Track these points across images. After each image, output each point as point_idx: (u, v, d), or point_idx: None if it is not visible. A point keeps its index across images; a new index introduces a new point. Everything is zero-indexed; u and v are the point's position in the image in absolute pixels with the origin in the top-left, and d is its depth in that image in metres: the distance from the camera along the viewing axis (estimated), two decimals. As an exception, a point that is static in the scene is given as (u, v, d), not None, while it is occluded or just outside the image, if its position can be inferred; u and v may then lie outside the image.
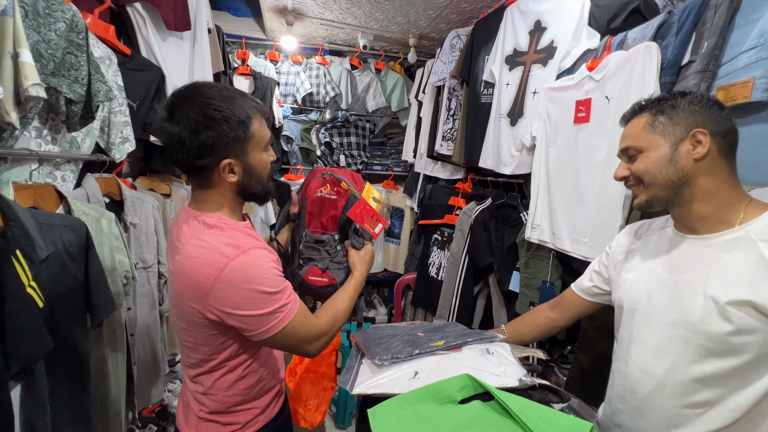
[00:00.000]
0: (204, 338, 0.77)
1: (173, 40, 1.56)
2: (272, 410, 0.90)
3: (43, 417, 0.75)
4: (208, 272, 0.70)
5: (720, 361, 0.62)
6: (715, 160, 0.65)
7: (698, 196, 0.67)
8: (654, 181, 0.68)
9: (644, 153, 0.70)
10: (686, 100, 0.68)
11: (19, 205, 0.77)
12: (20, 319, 0.67)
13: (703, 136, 0.65)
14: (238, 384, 0.82)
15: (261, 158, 0.80)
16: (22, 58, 0.74)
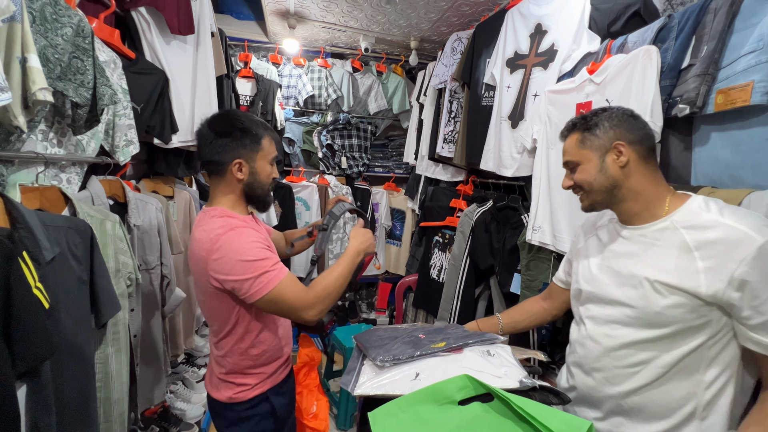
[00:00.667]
0: (216, 306, 0.96)
1: (177, 43, 1.57)
2: (278, 377, 1.07)
3: (48, 417, 0.75)
4: (206, 248, 0.89)
5: (652, 331, 0.75)
6: (637, 164, 0.79)
7: (628, 196, 0.80)
8: (591, 188, 0.82)
9: (581, 165, 0.83)
10: (605, 117, 0.81)
11: (25, 207, 0.78)
12: (27, 320, 0.68)
13: (623, 147, 0.78)
14: (249, 351, 0.99)
15: (265, 168, 0.99)
16: (30, 63, 0.75)
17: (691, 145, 1.03)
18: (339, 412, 2.04)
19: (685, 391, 0.74)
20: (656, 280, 0.74)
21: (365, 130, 3.01)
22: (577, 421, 0.59)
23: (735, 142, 0.92)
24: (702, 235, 0.70)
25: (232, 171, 0.94)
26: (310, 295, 0.92)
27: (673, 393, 0.75)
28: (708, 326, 0.71)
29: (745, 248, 0.65)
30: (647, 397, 0.77)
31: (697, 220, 0.72)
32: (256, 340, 0.99)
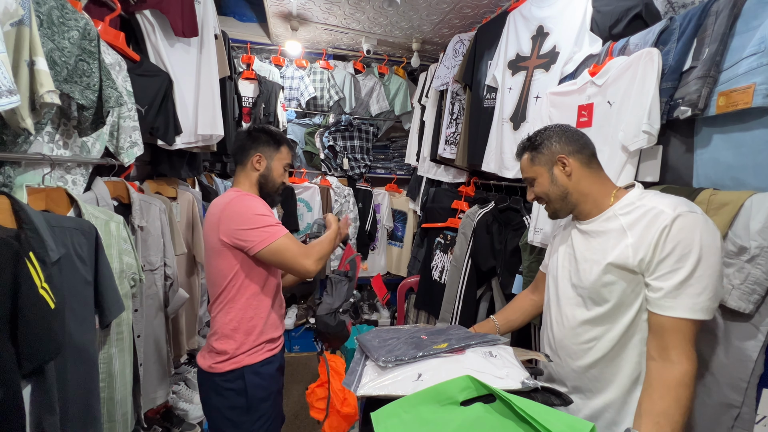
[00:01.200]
0: (218, 265, 1.11)
1: (181, 46, 1.58)
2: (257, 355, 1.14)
3: (52, 416, 0.76)
4: (221, 208, 1.10)
5: (599, 308, 0.86)
6: (581, 170, 0.90)
7: (579, 199, 0.91)
8: (549, 198, 0.94)
9: (536, 180, 0.95)
10: (545, 136, 0.93)
11: (32, 208, 0.79)
12: (33, 320, 0.69)
13: (565, 159, 0.90)
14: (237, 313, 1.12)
15: (279, 168, 1.21)
16: (38, 66, 0.76)
17: (693, 147, 1.03)
18: (340, 413, 2.04)
19: (630, 361, 0.84)
20: (601, 262, 0.85)
21: (367, 132, 3.02)
22: (579, 422, 0.59)
23: (737, 144, 0.92)
24: (631, 217, 0.82)
25: (252, 161, 1.18)
26: (308, 249, 1.12)
27: (621, 363, 0.85)
28: (638, 298, 0.82)
29: (661, 221, 0.76)
30: (601, 369, 0.87)
31: (630, 207, 0.84)
32: (246, 303, 1.13)
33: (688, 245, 0.74)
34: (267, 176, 1.19)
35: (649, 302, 0.79)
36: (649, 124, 1.02)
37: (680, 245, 0.74)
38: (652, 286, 0.78)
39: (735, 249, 0.85)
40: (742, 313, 0.83)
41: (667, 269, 0.75)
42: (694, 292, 0.73)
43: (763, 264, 0.80)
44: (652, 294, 0.78)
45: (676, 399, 0.72)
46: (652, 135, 1.03)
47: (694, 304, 0.73)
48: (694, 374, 0.74)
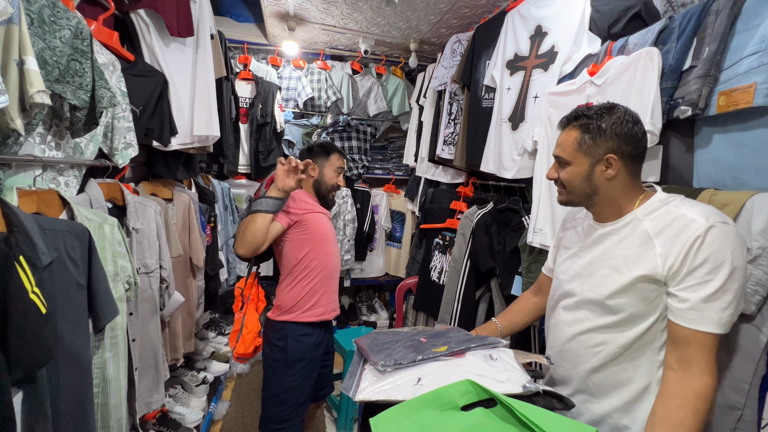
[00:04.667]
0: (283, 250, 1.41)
1: (176, 46, 1.57)
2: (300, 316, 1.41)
3: (45, 423, 0.74)
4: None
5: (609, 317, 0.82)
6: (622, 176, 0.82)
7: (604, 201, 0.85)
8: (573, 190, 0.86)
9: (570, 166, 0.85)
10: (609, 122, 0.80)
11: (22, 211, 0.77)
12: (23, 326, 0.67)
13: (615, 161, 0.80)
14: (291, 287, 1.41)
15: (331, 174, 1.49)
16: (28, 66, 0.75)
17: (693, 147, 1.02)
18: (339, 415, 2.02)
19: (640, 368, 0.81)
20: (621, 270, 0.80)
21: (365, 132, 3.01)
22: (582, 427, 0.58)
23: (737, 143, 0.91)
24: (659, 224, 0.77)
25: (308, 170, 1.40)
26: None
27: (629, 370, 0.82)
28: (657, 308, 0.78)
29: (693, 230, 0.71)
30: (608, 374, 0.84)
31: (656, 212, 0.79)
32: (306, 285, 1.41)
33: (721, 258, 0.70)
34: (320, 181, 1.47)
35: (673, 312, 0.75)
36: (651, 123, 1.01)
37: (712, 257, 0.70)
38: (678, 296, 0.73)
39: (737, 250, 0.84)
40: (744, 314, 0.82)
41: (696, 281, 0.71)
42: (721, 306, 0.70)
43: (765, 265, 0.79)
44: (677, 304, 0.74)
45: (694, 411, 0.69)
46: (655, 135, 1.02)
47: (720, 319, 0.70)
48: (714, 388, 0.71)
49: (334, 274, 1.50)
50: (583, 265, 0.89)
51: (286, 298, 1.42)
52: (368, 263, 3.10)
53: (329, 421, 2.12)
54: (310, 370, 1.45)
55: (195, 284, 1.84)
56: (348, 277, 3.04)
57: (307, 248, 1.41)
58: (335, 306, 1.52)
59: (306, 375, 1.44)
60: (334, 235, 1.52)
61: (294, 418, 1.42)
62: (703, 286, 0.71)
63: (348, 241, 2.86)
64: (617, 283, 0.80)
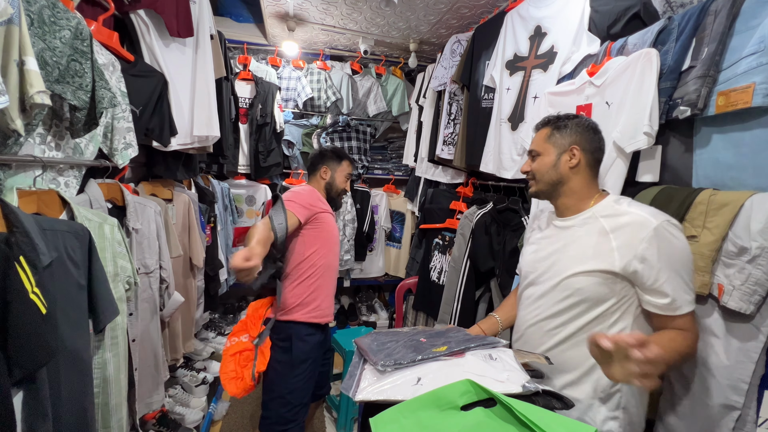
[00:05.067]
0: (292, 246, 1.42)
1: (176, 46, 1.57)
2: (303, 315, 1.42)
3: (45, 423, 0.74)
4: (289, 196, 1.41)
5: (566, 301, 0.91)
6: (583, 169, 0.94)
7: (567, 192, 0.95)
8: (542, 178, 0.97)
9: (540, 156, 0.97)
10: (573, 122, 0.95)
11: (22, 212, 0.77)
12: (23, 326, 0.67)
13: (578, 151, 0.93)
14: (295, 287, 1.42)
15: (341, 179, 1.56)
16: (28, 66, 0.75)
17: (692, 147, 1.02)
18: (339, 415, 2.02)
19: None
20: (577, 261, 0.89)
21: (364, 133, 3.01)
22: (581, 427, 0.58)
23: (736, 144, 0.91)
24: (615, 222, 0.87)
25: (320, 172, 1.54)
26: None
27: (583, 349, 0.85)
28: (611, 297, 0.86)
29: (645, 229, 0.81)
30: (563, 353, 0.92)
31: (611, 211, 0.89)
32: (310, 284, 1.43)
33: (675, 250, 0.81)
34: (331, 184, 1.53)
35: (659, 308, 0.83)
36: (649, 125, 1.02)
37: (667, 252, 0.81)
38: (661, 292, 0.81)
39: (735, 249, 0.84)
40: (742, 314, 0.82)
41: (665, 278, 0.81)
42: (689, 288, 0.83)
43: (764, 264, 0.79)
44: (660, 300, 0.82)
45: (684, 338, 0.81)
46: (652, 136, 1.03)
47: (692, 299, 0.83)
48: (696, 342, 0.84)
49: (335, 275, 1.54)
50: (544, 257, 0.99)
51: (291, 295, 1.42)
52: (368, 263, 3.10)
53: (329, 421, 2.12)
54: (313, 370, 1.47)
55: (195, 284, 1.85)
56: (348, 277, 3.04)
57: (316, 245, 1.44)
58: (332, 309, 1.56)
59: (310, 375, 1.46)
60: (339, 237, 1.57)
61: (298, 418, 1.43)
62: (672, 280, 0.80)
63: (348, 241, 2.86)
64: (575, 272, 0.89)
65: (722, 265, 0.87)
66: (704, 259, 0.89)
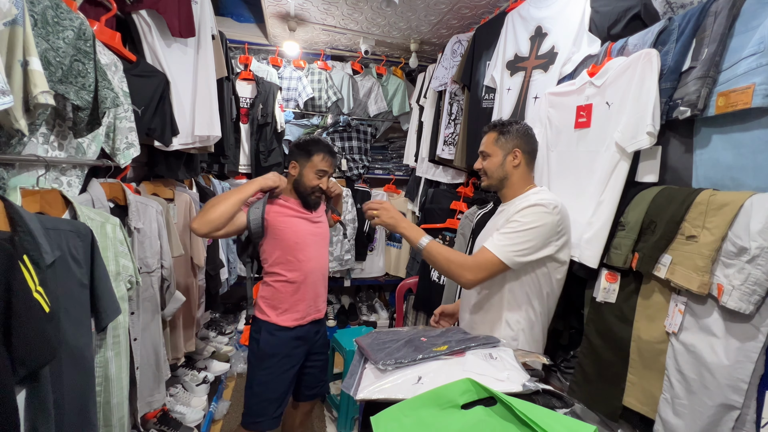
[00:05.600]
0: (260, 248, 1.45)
1: (177, 46, 1.57)
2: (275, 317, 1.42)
3: (47, 421, 0.75)
4: None
5: None
6: (523, 166, 1.18)
7: (509, 185, 1.20)
8: (492, 174, 1.20)
9: (490, 157, 1.20)
10: (515, 128, 1.18)
11: (26, 211, 0.78)
12: (27, 325, 0.68)
13: (519, 153, 1.17)
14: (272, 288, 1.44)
15: (310, 175, 1.42)
16: (32, 66, 0.75)
17: (692, 148, 1.03)
18: (339, 415, 2.03)
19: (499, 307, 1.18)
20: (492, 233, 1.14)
21: (365, 132, 3.02)
22: (581, 426, 0.59)
23: (736, 144, 0.92)
24: (521, 205, 1.11)
25: (289, 167, 1.45)
26: None
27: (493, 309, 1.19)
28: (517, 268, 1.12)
29: (522, 205, 1.09)
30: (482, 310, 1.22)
31: (524, 199, 1.14)
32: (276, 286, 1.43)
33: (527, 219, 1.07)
34: (299, 181, 1.42)
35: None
36: (652, 125, 1.02)
37: (521, 218, 1.07)
38: None
39: (735, 250, 0.84)
40: (742, 314, 0.82)
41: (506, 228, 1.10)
42: (508, 243, 1.07)
43: (764, 264, 0.79)
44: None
45: (459, 255, 1.13)
46: (654, 136, 1.03)
47: (498, 245, 1.07)
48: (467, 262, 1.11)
49: (310, 281, 1.45)
50: (483, 236, 1.25)
51: (260, 297, 1.45)
52: (368, 263, 3.11)
53: (329, 420, 2.13)
54: (285, 366, 1.43)
55: (196, 284, 1.85)
56: (348, 277, 3.05)
57: (276, 253, 1.41)
58: (316, 309, 1.50)
59: (281, 371, 1.42)
60: (316, 239, 1.48)
61: (267, 413, 1.41)
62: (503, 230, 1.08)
63: (348, 241, 2.87)
64: None
65: (722, 265, 0.87)
66: (704, 259, 0.89)
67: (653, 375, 1.03)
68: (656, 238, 1.01)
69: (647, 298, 1.07)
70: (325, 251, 1.53)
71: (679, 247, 0.96)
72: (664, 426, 0.99)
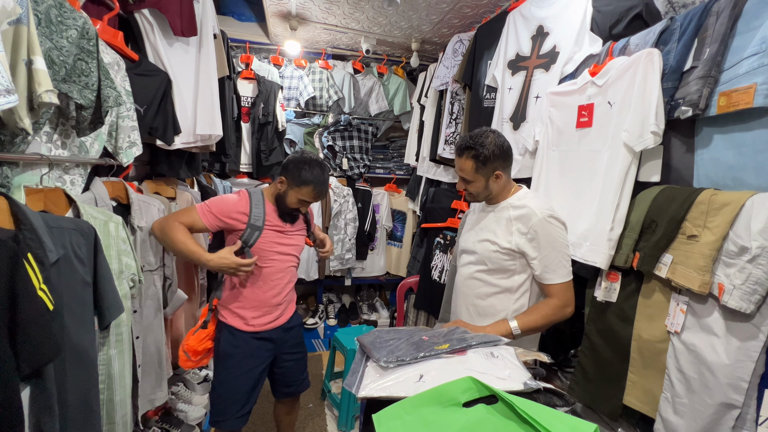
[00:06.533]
0: None
1: (180, 45, 1.58)
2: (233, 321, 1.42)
3: (51, 418, 0.75)
4: None
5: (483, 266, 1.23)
6: (505, 179, 1.21)
7: (495, 194, 1.23)
8: (478, 196, 1.24)
9: (473, 183, 1.21)
10: (489, 149, 1.15)
11: (30, 209, 0.78)
12: (32, 322, 0.68)
13: (500, 174, 1.18)
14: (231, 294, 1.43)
15: (293, 200, 1.39)
16: (36, 65, 0.76)
17: (694, 147, 1.03)
18: (340, 413, 2.04)
19: (503, 302, 1.22)
20: (489, 239, 1.21)
21: (366, 132, 3.02)
22: (582, 424, 0.59)
23: (737, 144, 0.92)
24: (517, 212, 1.17)
25: (278, 179, 1.41)
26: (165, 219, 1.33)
27: (495, 304, 1.23)
28: (513, 267, 1.19)
29: (533, 219, 1.13)
30: (482, 305, 1.25)
31: (518, 203, 1.19)
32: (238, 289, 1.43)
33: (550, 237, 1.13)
34: (282, 197, 1.40)
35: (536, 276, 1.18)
36: (656, 124, 1.02)
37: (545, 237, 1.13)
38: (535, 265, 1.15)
39: (736, 249, 0.85)
40: (743, 313, 0.83)
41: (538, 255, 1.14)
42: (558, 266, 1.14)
43: (765, 264, 0.80)
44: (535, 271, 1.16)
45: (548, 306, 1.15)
46: (659, 135, 1.03)
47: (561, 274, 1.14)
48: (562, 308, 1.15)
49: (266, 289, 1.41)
50: (472, 233, 1.29)
51: (223, 296, 1.44)
52: (369, 262, 3.11)
53: (330, 418, 2.13)
54: (246, 367, 1.41)
55: (197, 282, 1.86)
56: (349, 276, 3.05)
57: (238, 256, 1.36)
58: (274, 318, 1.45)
59: (241, 370, 1.40)
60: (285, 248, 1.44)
61: (230, 412, 1.39)
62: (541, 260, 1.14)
63: (349, 240, 2.87)
64: (485, 245, 1.21)
65: (723, 264, 0.88)
66: (705, 259, 0.89)
67: (654, 374, 1.03)
68: (657, 238, 1.01)
69: (648, 298, 1.07)
70: (293, 261, 1.50)
71: (680, 246, 0.96)
72: (664, 425, 0.99)
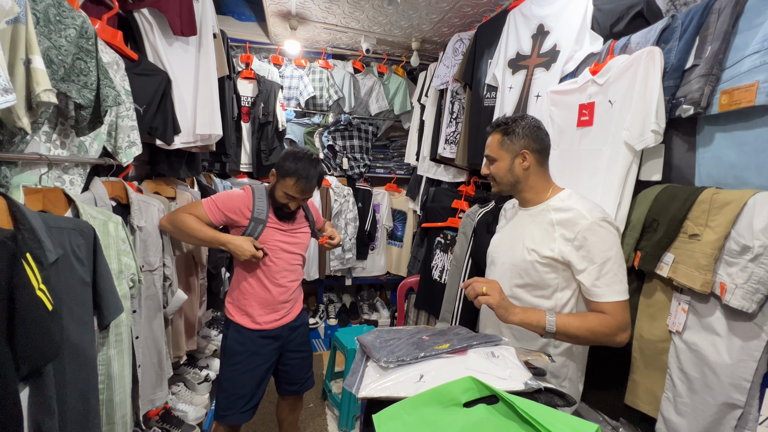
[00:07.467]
0: None
1: (179, 45, 1.57)
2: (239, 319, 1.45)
3: (50, 419, 0.75)
4: None
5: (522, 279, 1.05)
6: (535, 167, 1.04)
7: (525, 188, 1.07)
8: (501, 181, 1.08)
9: (497, 162, 1.07)
10: (521, 126, 1.04)
11: (29, 209, 0.78)
12: (31, 322, 0.68)
13: (528, 155, 1.03)
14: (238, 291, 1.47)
15: (280, 194, 1.39)
16: (34, 65, 0.75)
17: (695, 146, 1.02)
18: (341, 413, 2.03)
19: None
20: (531, 247, 1.02)
21: (366, 131, 3.01)
22: (583, 424, 0.59)
23: (739, 142, 0.91)
24: (561, 215, 0.99)
25: (270, 173, 1.43)
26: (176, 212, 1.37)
27: None
28: (555, 279, 1.00)
29: (580, 224, 0.95)
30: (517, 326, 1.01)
31: (561, 205, 1.01)
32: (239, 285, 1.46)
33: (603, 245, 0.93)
34: (273, 190, 1.41)
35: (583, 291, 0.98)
36: (657, 123, 1.02)
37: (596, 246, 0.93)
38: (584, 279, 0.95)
39: (738, 248, 0.84)
40: (745, 312, 0.82)
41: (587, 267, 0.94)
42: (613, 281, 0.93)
43: (767, 263, 0.79)
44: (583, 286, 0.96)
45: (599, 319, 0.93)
46: (659, 134, 1.03)
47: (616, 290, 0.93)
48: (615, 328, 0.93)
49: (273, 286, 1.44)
50: (506, 242, 1.13)
51: (229, 293, 1.49)
52: (370, 262, 3.11)
53: (331, 418, 2.13)
54: (252, 364, 1.44)
55: (197, 282, 1.85)
56: (349, 275, 3.05)
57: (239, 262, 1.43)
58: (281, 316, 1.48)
59: (247, 368, 1.44)
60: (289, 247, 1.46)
61: (235, 407, 1.43)
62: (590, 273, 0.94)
63: (349, 239, 2.87)
64: (525, 257, 1.03)
65: (725, 263, 0.87)
66: (707, 258, 0.89)
67: (655, 374, 1.03)
68: (659, 237, 1.00)
69: (649, 297, 1.06)
70: (298, 259, 1.52)
71: (681, 245, 0.96)
72: (666, 425, 0.99)
